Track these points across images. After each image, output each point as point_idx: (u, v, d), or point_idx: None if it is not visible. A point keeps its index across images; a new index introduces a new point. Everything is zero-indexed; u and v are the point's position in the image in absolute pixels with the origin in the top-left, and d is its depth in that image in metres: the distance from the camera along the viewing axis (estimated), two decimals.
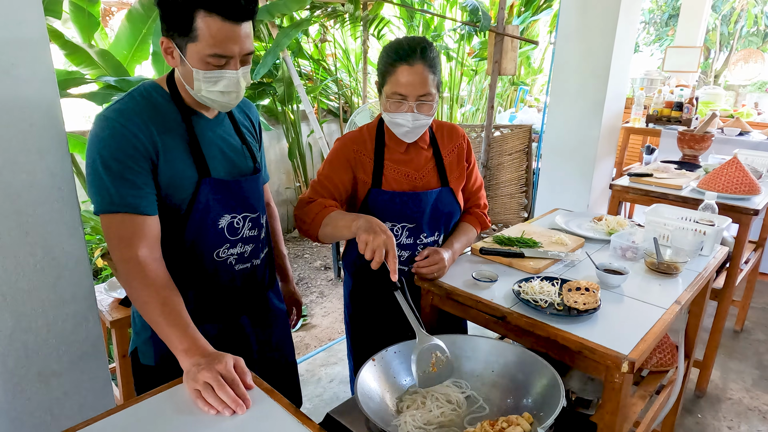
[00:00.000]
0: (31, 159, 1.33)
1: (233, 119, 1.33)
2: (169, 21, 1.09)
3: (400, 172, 1.56)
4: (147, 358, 1.27)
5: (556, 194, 3.50)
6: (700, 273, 1.60)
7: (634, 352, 1.17)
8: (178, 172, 1.17)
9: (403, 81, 1.39)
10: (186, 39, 1.08)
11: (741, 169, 2.37)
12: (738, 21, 10.28)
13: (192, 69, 1.11)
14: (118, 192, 1.09)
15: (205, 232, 1.22)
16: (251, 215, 1.31)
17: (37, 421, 1.46)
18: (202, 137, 1.21)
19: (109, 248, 1.14)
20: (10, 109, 1.28)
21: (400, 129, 1.47)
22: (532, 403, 1.10)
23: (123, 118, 1.11)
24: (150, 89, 1.18)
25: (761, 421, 2.44)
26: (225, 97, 1.15)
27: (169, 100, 1.19)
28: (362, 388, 1.07)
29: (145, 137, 1.12)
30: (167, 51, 1.13)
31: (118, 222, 1.10)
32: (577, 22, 3.22)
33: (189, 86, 1.15)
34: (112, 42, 3.38)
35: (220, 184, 1.22)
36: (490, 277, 1.50)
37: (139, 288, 1.09)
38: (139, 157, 1.11)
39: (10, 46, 1.26)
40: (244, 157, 1.31)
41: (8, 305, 1.36)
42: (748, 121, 4.32)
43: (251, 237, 1.32)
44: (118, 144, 1.09)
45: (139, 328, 1.29)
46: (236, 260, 1.30)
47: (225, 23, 1.06)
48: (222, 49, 1.08)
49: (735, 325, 3.25)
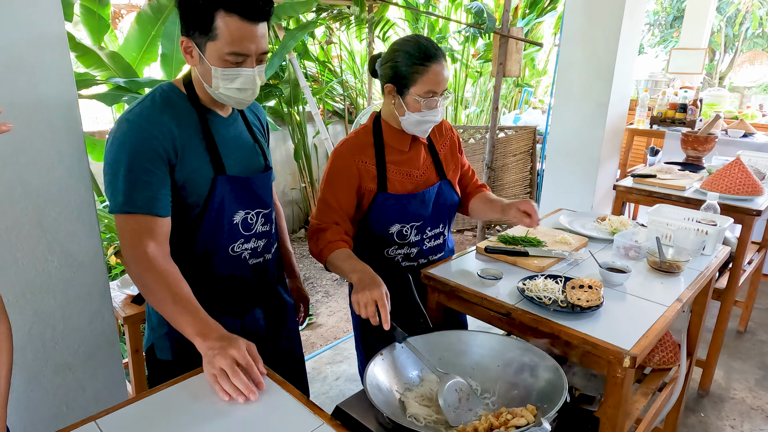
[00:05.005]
0: (50, 159, 1.37)
1: (245, 118, 1.37)
2: (190, 21, 1.14)
3: (402, 173, 1.59)
4: (164, 353, 1.32)
5: (561, 195, 3.52)
6: (701, 272, 1.62)
7: (635, 347, 1.19)
8: (195, 170, 1.21)
9: (437, 79, 1.45)
10: (206, 38, 1.13)
11: (744, 170, 2.40)
12: (743, 23, 10.27)
13: (210, 67, 1.16)
14: (134, 194, 1.14)
15: (221, 227, 1.27)
16: (264, 211, 1.36)
17: (53, 412, 1.50)
18: (217, 135, 1.26)
19: (121, 246, 1.18)
20: (30, 109, 1.33)
21: (426, 126, 1.53)
22: (536, 396, 1.13)
23: (144, 120, 1.16)
24: (168, 90, 1.23)
25: (764, 421, 2.46)
26: (241, 94, 1.20)
27: (186, 100, 1.23)
28: (371, 381, 1.10)
29: (164, 139, 1.16)
30: (186, 50, 1.18)
31: (132, 222, 1.15)
32: (582, 24, 3.24)
33: (207, 84, 1.20)
34: (121, 44, 3.43)
35: (235, 181, 1.27)
36: (494, 275, 1.53)
37: (150, 283, 1.13)
38: (158, 160, 1.15)
39: (30, 47, 1.30)
40: (256, 155, 1.36)
41: (27, 300, 1.40)
42: (753, 122, 4.33)
43: (264, 232, 1.37)
44: (138, 147, 1.14)
45: (156, 324, 1.32)
46: (250, 255, 1.35)
47: (243, 23, 1.11)
48: (240, 48, 1.13)
49: (738, 326, 3.26)
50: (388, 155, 1.58)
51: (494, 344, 1.25)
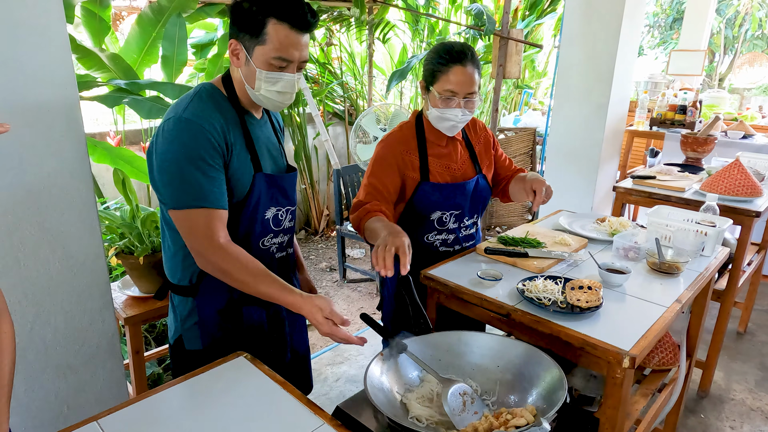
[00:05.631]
0: (52, 160, 1.38)
1: (272, 121, 1.45)
2: (242, 25, 1.21)
3: (442, 165, 1.72)
4: (193, 343, 1.36)
5: (561, 196, 3.53)
6: (701, 273, 1.63)
7: (635, 348, 1.20)
8: (240, 167, 1.28)
9: (456, 80, 1.56)
10: (255, 42, 1.21)
11: (743, 171, 2.40)
12: (742, 24, 10.28)
13: (256, 69, 1.23)
14: (202, 189, 1.19)
15: (255, 222, 1.34)
16: (291, 208, 1.44)
17: (54, 412, 1.50)
18: (254, 135, 1.33)
19: (192, 238, 1.22)
20: (32, 111, 1.33)
21: (447, 123, 1.64)
22: (536, 396, 1.13)
23: (199, 118, 1.20)
24: (211, 90, 1.28)
25: (764, 422, 2.46)
26: (281, 96, 1.27)
27: (227, 101, 1.29)
28: (371, 381, 1.11)
29: (218, 136, 1.22)
30: (234, 52, 1.25)
31: (203, 215, 1.20)
32: (582, 25, 3.25)
33: (249, 85, 1.26)
34: (122, 46, 3.44)
35: (270, 179, 1.34)
36: (494, 275, 1.53)
37: (230, 268, 1.21)
38: (217, 156, 1.22)
39: (32, 50, 1.31)
40: (281, 156, 1.44)
41: (29, 301, 1.40)
42: (753, 124, 4.34)
43: (289, 228, 1.46)
44: (200, 144, 1.19)
45: (185, 316, 1.36)
46: (276, 249, 1.43)
47: (291, 31, 1.20)
48: (286, 54, 1.22)
49: (738, 327, 3.27)
50: (429, 148, 1.71)
51: (494, 345, 1.26)
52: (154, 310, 1.86)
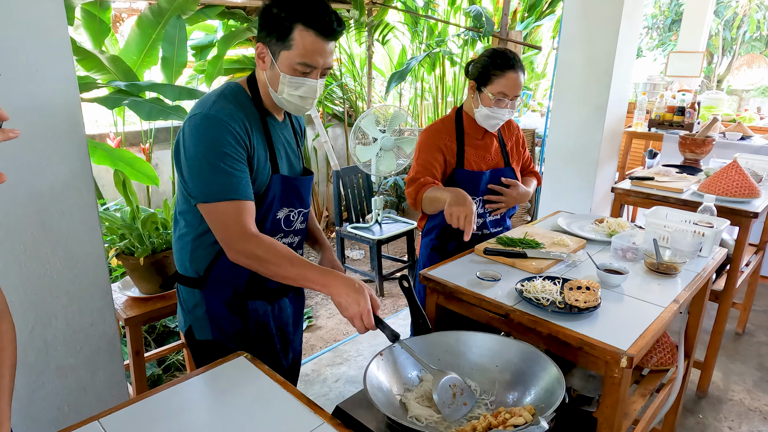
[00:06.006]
0: (53, 161, 1.39)
1: (293, 125, 1.48)
2: (269, 29, 1.24)
3: (477, 156, 1.96)
4: (203, 333, 1.40)
5: (560, 198, 3.54)
6: (698, 273, 1.63)
7: (632, 347, 1.21)
8: (259, 167, 1.32)
9: (509, 84, 1.79)
10: (281, 46, 1.24)
11: (741, 172, 2.41)
12: (740, 26, 10.31)
13: (280, 73, 1.26)
14: (230, 182, 1.23)
15: (266, 221, 1.37)
16: (304, 210, 1.47)
17: (55, 412, 1.51)
18: (274, 137, 1.37)
19: (222, 231, 1.25)
20: (34, 113, 1.34)
21: (494, 121, 1.87)
22: (534, 396, 1.14)
23: (225, 116, 1.24)
24: (236, 90, 1.32)
25: (762, 422, 2.47)
26: (302, 101, 1.30)
27: (251, 101, 1.33)
28: (371, 381, 1.11)
29: (243, 134, 1.26)
30: (260, 56, 1.28)
31: (234, 207, 1.23)
32: (580, 27, 3.27)
33: (273, 88, 1.30)
34: (122, 48, 3.45)
35: (286, 181, 1.38)
36: (493, 276, 1.54)
37: (264, 255, 1.22)
38: (242, 151, 1.25)
39: (34, 52, 1.32)
40: (298, 159, 1.47)
41: (30, 301, 1.41)
42: (751, 125, 4.35)
43: (300, 230, 1.49)
44: (225, 140, 1.22)
45: (192, 307, 1.40)
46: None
47: (317, 38, 1.22)
48: (310, 60, 1.24)
49: (737, 328, 3.28)
50: (467, 140, 1.94)
51: (493, 345, 1.27)
52: (155, 310, 1.87)
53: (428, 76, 5.87)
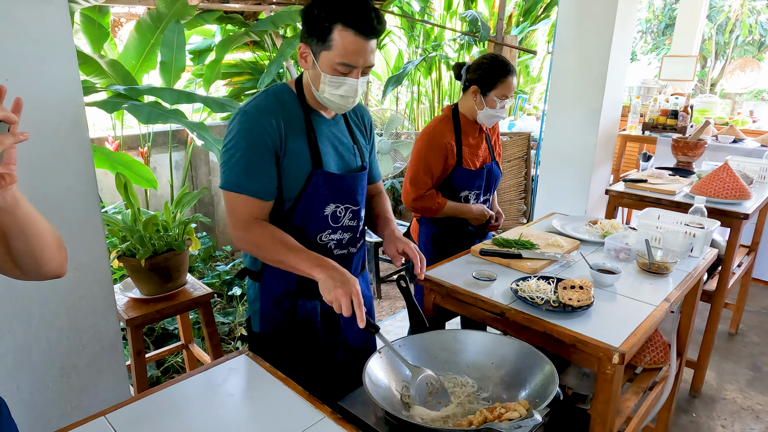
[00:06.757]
0: (57, 164, 1.41)
1: (347, 121, 1.50)
2: (310, 29, 1.26)
3: (472, 154, 2.12)
4: (256, 326, 1.48)
5: (555, 200, 3.58)
6: (689, 273, 1.67)
7: (624, 344, 1.24)
8: (295, 162, 1.33)
9: (510, 87, 2.00)
10: (321, 47, 1.26)
11: (731, 174, 2.45)
12: (733, 30, 10.41)
13: (321, 73, 1.28)
14: (246, 179, 1.29)
15: (311, 217, 1.39)
16: (353, 207, 1.46)
17: (58, 412, 1.53)
18: (319, 134, 1.38)
19: (230, 218, 1.33)
20: (38, 117, 1.37)
21: (494, 119, 2.08)
22: (529, 391, 1.17)
23: (258, 113, 1.29)
24: (281, 89, 1.37)
25: (754, 420, 2.50)
26: (343, 100, 1.32)
27: (296, 99, 1.37)
28: (370, 378, 1.14)
29: (273, 132, 1.29)
30: (302, 55, 1.31)
31: (241, 200, 1.30)
32: (575, 32, 3.31)
33: (315, 87, 1.32)
34: (121, 52, 3.48)
35: (328, 177, 1.38)
36: (489, 276, 1.57)
37: (262, 240, 1.29)
38: (267, 150, 1.29)
39: (39, 57, 1.34)
40: (353, 155, 1.47)
41: (34, 303, 1.43)
42: (743, 128, 4.40)
43: (350, 226, 1.48)
44: (252, 137, 1.28)
45: (252, 299, 1.48)
46: (335, 245, 1.46)
47: (357, 37, 1.23)
48: (350, 60, 1.25)
49: (730, 328, 3.32)
50: (464, 139, 2.09)
51: (488, 343, 1.30)
52: (155, 311, 1.90)
53: (425, 80, 5.91)
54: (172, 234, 1.95)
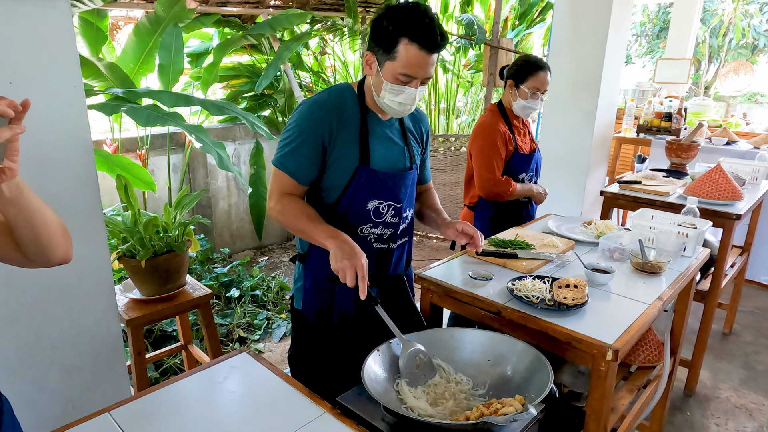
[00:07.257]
0: (58, 167, 1.43)
1: (402, 125, 1.59)
2: (377, 40, 1.36)
3: (521, 140, 2.40)
4: (298, 303, 1.60)
5: (551, 201, 3.58)
6: (682, 272, 1.70)
7: (618, 341, 1.27)
8: (342, 157, 1.44)
9: (542, 81, 2.24)
10: (386, 57, 1.35)
11: (724, 176, 2.49)
12: (726, 34, 10.49)
13: (383, 81, 1.38)
14: (288, 159, 1.43)
15: (354, 209, 1.48)
16: (395, 204, 1.53)
17: (60, 411, 1.54)
18: (372, 133, 1.48)
19: (269, 190, 1.48)
20: (41, 119, 1.39)
21: (529, 110, 2.31)
22: (524, 388, 1.19)
23: (316, 106, 1.43)
24: (343, 89, 1.49)
25: (748, 419, 2.53)
26: (401, 107, 1.42)
27: (355, 99, 1.48)
28: (368, 374, 1.17)
29: (326, 125, 1.41)
30: (367, 62, 1.42)
31: (281, 177, 1.44)
32: (570, 35, 3.35)
33: (376, 93, 1.43)
34: (119, 55, 3.49)
35: (373, 174, 1.47)
36: (485, 276, 1.60)
37: (287, 209, 1.42)
38: (315, 140, 1.41)
39: (42, 61, 1.36)
40: (402, 156, 1.56)
41: (36, 303, 1.45)
42: (737, 131, 4.44)
43: (392, 223, 1.55)
44: (305, 125, 1.41)
45: (296, 278, 1.61)
46: (375, 239, 1.54)
47: (420, 52, 1.32)
48: (412, 71, 1.35)
49: (723, 328, 3.35)
50: (513, 128, 2.35)
51: (484, 340, 1.32)
52: (155, 312, 1.91)
53: None
54: (171, 235, 1.96)
